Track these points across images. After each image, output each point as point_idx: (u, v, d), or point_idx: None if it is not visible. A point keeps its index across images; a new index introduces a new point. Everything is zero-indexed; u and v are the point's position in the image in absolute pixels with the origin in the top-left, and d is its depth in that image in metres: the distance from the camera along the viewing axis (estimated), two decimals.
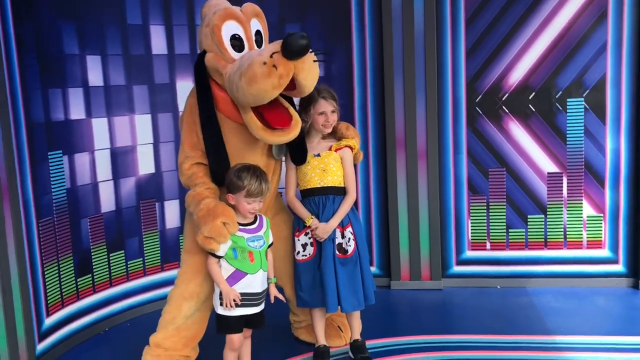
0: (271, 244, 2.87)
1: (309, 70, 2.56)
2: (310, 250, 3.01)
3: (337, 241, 2.99)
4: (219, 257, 2.74)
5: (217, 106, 2.79)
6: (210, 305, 2.93)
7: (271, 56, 2.48)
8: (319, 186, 2.99)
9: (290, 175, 3.08)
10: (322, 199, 2.99)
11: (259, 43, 2.83)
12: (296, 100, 3.00)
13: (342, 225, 3.00)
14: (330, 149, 3.01)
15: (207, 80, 2.80)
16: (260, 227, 2.81)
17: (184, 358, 2.95)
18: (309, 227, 2.99)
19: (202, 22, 2.87)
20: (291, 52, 2.45)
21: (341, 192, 3.02)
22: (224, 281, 2.73)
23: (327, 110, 2.98)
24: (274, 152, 2.94)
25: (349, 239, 3.00)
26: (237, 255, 2.72)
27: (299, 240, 3.02)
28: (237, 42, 2.76)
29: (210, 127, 2.77)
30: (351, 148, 3.03)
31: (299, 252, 3.04)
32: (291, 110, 2.77)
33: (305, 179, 3.01)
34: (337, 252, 2.99)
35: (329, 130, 3.02)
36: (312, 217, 2.99)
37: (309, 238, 3.01)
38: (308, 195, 3.02)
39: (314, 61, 2.58)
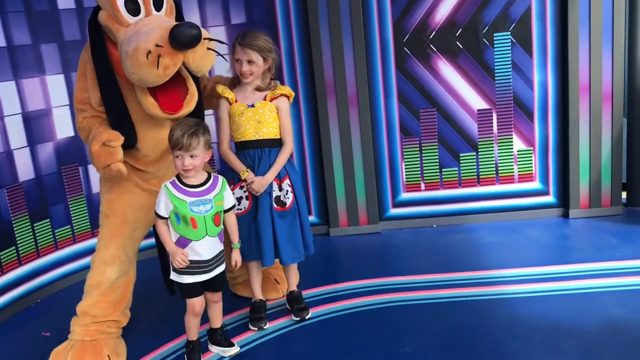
0: (232, 207, 2.69)
1: (200, 59, 2.44)
2: (245, 203, 2.93)
3: (274, 194, 2.92)
4: (164, 218, 2.57)
5: (114, 66, 2.61)
6: (134, 268, 2.87)
7: (157, 45, 2.33)
8: (254, 139, 2.88)
9: (223, 127, 2.94)
10: (257, 152, 2.89)
11: (158, 6, 2.60)
12: None
13: (280, 178, 2.92)
14: (264, 98, 2.88)
15: (102, 38, 2.61)
16: (210, 189, 2.59)
17: (113, 323, 2.85)
18: (244, 180, 2.90)
19: None
20: (179, 44, 2.34)
21: (277, 144, 2.92)
22: (169, 241, 2.58)
23: (241, 59, 2.83)
24: None
25: (287, 191, 2.94)
26: (179, 220, 2.55)
27: (234, 193, 2.92)
28: (132, 5, 2.54)
29: (108, 86, 2.61)
30: (287, 97, 2.92)
31: (234, 205, 2.95)
32: (188, 83, 2.60)
33: (239, 130, 2.89)
34: (274, 205, 2.91)
35: (247, 80, 2.87)
36: (247, 170, 2.89)
37: (244, 192, 2.92)
38: (243, 148, 2.91)
39: (208, 49, 2.45)
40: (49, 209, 3.62)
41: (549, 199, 4.10)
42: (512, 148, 4.04)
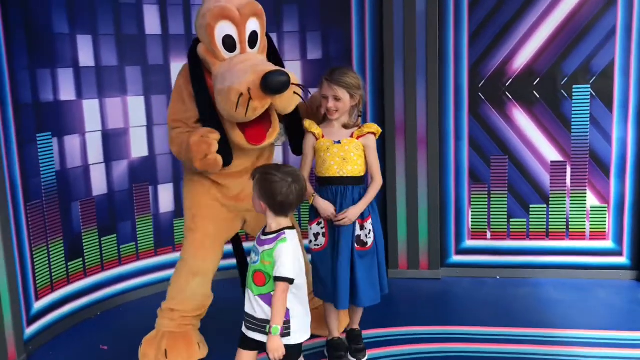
0: (282, 278, 2.26)
1: (287, 101, 2.62)
2: (322, 240, 2.89)
3: (356, 233, 2.84)
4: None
5: (210, 93, 2.77)
6: (212, 277, 3.05)
7: (249, 88, 2.51)
8: (337, 175, 2.83)
9: (305, 161, 2.91)
10: (340, 189, 2.84)
11: (253, 43, 2.79)
12: None
13: (362, 218, 2.85)
14: (351, 136, 2.84)
15: (201, 68, 2.80)
16: (268, 242, 2.34)
17: (196, 318, 3.06)
18: (320, 216, 2.85)
19: (201, 8, 2.80)
20: (269, 90, 2.52)
21: (360, 182, 2.86)
22: None
23: (328, 94, 2.81)
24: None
25: (370, 230, 2.86)
26: None
27: (311, 229, 2.91)
28: (229, 42, 2.73)
29: (206, 112, 2.78)
30: (374, 134, 2.87)
31: (311, 241, 2.93)
32: (272, 117, 2.76)
33: (325, 166, 2.85)
34: (356, 245, 2.84)
35: (333, 117, 2.84)
36: (314, 194, 2.86)
37: (321, 228, 2.88)
38: (326, 184, 2.86)
39: (294, 93, 2.60)
40: (117, 224, 3.72)
41: (622, 260, 3.90)
42: (585, 203, 3.89)
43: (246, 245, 3.30)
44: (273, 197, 2.28)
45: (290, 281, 2.26)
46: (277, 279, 2.26)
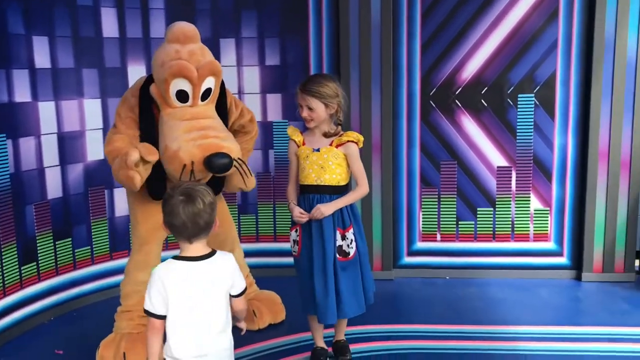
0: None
1: (225, 175, 2.90)
2: (296, 248, 2.88)
3: (337, 243, 2.81)
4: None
5: (155, 125, 2.91)
6: None
7: (192, 162, 2.72)
8: (315, 183, 2.81)
9: (290, 168, 2.94)
10: (317, 197, 2.81)
11: (205, 97, 2.90)
12: None
13: (344, 227, 2.82)
14: (331, 144, 2.82)
15: (150, 101, 2.90)
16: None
17: None
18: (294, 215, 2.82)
19: (160, 53, 2.86)
20: (212, 170, 2.76)
21: (339, 191, 2.82)
22: None
23: (302, 104, 2.80)
24: None
25: (351, 240, 2.83)
26: None
27: (291, 234, 2.93)
28: (182, 94, 2.84)
29: (147, 138, 2.89)
30: (355, 142, 2.83)
31: (291, 247, 2.94)
32: None
33: (303, 174, 2.85)
34: (337, 256, 2.80)
35: (309, 125, 2.84)
36: (293, 202, 2.86)
37: (297, 235, 2.87)
38: (304, 192, 2.86)
39: (234, 167, 2.85)
40: (72, 228, 3.69)
41: (563, 260, 4.13)
42: (529, 207, 4.10)
43: None
44: (164, 216, 2.09)
45: (150, 314, 2.07)
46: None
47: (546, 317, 3.53)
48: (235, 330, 2.24)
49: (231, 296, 2.17)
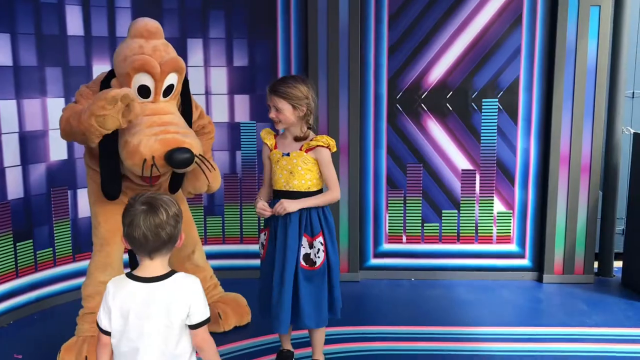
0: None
1: (186, 170, 2.86)
2: (262, 251, 2.84)
3: (303, 251, 2.71)
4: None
5: None
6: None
7: (153, 157, 2.67)
8: (284, 189, 2.73)
9: (264, 170, 2.88)
10: None
11: (167, 93, 2.87)
12: None
13: (312, 234, 2.72)
14: (301, 148, 2.72)
15: None
16: None
17: None
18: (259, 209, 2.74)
19: (123, 47, 2.83)
20: (172, 164, 2.71)
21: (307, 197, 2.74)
22: None
23: (270, 105, 2.73)
24: None
25: (319, 249, 2.72)
26: None
27: (259, 237, 2.88)
28: (144, 89, 2.81)
29: (106, 146, 2.81)
30: (326, 147, 2.72)
31: (259, 249, 2.91)
32: None
33: (274, 178, 2.78)
34: (302, 262, 2.70)
35: (279, 127, 2.79)
36: (259, 199, 2.80)
37: (265, 239, 2.82)
38: (275, 196, 2.78)
39: (196, 162, 2.80)
40: (33, 229, 3.61)
41: (525, 262, 4.22)
42: (492, 209, 4.17)
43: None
44: (124, 228, 1.94)
45: (98, 327, 1.97)
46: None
47: (508, 318, 3.60)
48: None
49: (189, 327, 1.95)
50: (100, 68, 3.69)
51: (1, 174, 3.41)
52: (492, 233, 4.20)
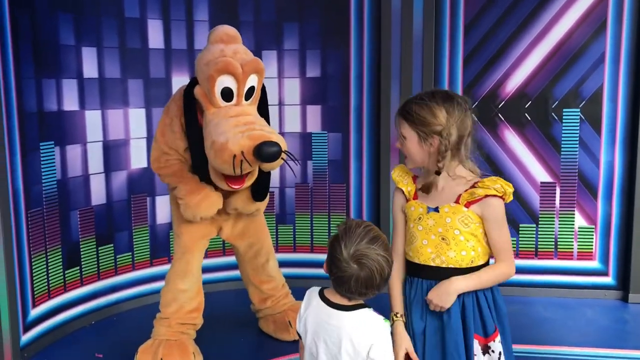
0: None
1: (274, 165, 2.81)
2: None
3: (477, 359, 1.88)
4: None
5: (200, 129, 2.91)
6: (199, 280, 3.17)
7: (242, 152, 2.65)
8: (432, 264, 1.89)
9: (395, 231, 2.00)
10: (434, 285, 1.87)
11: (248, 96, 2.91)
12: None
13: (486, 334, 1.88)
14: (457, 201, 1.87)
15: (194, 105, 2.91)
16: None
17: (192, 326, 3.14)
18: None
19: (204, 54, 2.90)
20: (262, 159, 2.67)
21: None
22: None
23: (398, 131, 1.96)
24: None
25: (499, 353, 1.89)
26: None
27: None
28: (227, 92, 2.84)
29: (195, 144, 2.90)
30: (500, 197, 1.88)
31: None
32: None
33: (414, 245, 1.92)
34: None
35: (408, 165, 2.01)
36: (399, 316, 1.92)
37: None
38: (414, 274, 1.94)
39: (282, 159, 2.76)
40: (114, 234, 3.77)
41: (608, 280, 4.00)
42: (573, 224, 3.99)
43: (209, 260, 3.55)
44: (328, 257, 1.82)
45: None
46: None
47: (591, 338, 3.41)
48: None
49: None
50: (179, 80, 3.83)
51: (86, 180, 3.58)
52: (572, 249, 4.01)
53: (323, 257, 2.13)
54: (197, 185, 2.95)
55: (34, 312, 3.28)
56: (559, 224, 4.00)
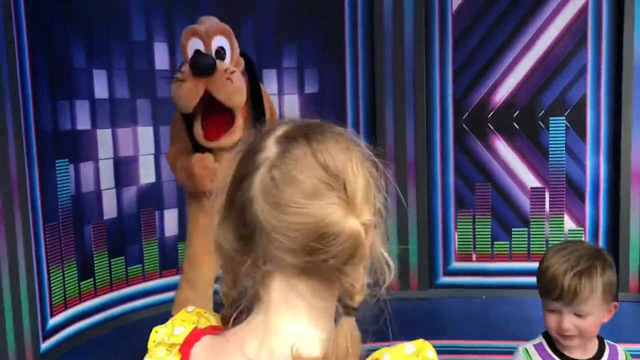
0: None
1: (221, 86, 2.80)
2: None
3: None
4: None
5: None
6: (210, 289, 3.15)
7: (182, 72, 2.77)
8: None
9: None
10: None
11: (221, 57, 2.97)
12: None
13: None
14: None
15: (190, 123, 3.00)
16: None
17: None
18: None
19: None
20: (196, 70, 2.74)
21: None
22: None
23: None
24: None
25: None
26: None
27: None
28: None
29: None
30: None
31: None
32: (236, 117, 2.91)
33: None
34: None
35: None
36: None
37: None
38: None
39: (227, 79, 2.79)
40: (126, 247, 3.94)
41: None
42: (563, 226, 4.17)
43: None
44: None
45: None
46: None
47: None
48: None
49: None
50: None
51: (99, 196, 3.76)
52: None
53: None
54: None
55: (52, 321, 3.44)
56: (550, 227, 4.19)
